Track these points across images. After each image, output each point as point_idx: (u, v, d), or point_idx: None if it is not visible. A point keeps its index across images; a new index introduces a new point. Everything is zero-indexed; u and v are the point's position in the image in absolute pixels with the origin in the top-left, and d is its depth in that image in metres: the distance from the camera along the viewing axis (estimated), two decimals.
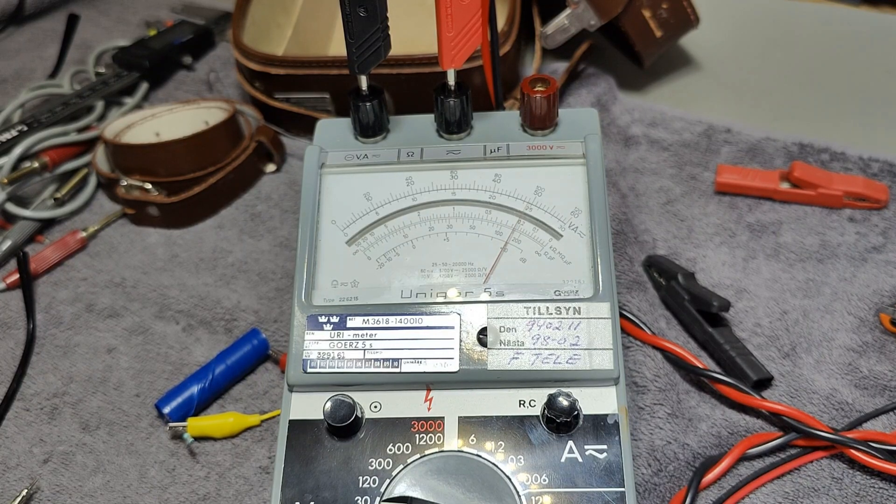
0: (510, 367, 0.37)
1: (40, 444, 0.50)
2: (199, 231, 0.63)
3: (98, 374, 0.53)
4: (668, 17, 0.68)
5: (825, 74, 0.74)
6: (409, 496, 0.34)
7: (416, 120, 0.46)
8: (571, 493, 0.34)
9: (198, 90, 0.77)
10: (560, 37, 0.67)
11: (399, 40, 0.44)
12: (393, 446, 0.36)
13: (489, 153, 0.43)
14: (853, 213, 0.59)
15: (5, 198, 0.62)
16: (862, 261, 0.55)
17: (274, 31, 0.74)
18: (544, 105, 0.43)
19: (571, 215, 0.41)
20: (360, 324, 0.38)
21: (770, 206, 0.61)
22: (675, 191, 0.63)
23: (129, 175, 0.63)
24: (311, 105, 0.68)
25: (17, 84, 0.79)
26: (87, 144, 0.68)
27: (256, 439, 0.49)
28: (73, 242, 0.62)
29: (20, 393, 0.53)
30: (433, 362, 0.37)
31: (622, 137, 0.67)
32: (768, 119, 0.69)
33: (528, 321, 0.38)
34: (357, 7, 0.38)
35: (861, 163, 0.63)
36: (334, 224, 0.42)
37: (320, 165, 0.43)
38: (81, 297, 0.59)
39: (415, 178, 0.43)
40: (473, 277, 0.40)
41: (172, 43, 0.79)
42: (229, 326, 0.55)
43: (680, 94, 0.73)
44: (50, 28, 0.87)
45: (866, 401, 0.48)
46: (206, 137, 0.63)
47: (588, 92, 0.70)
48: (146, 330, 0.56)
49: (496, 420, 0.36)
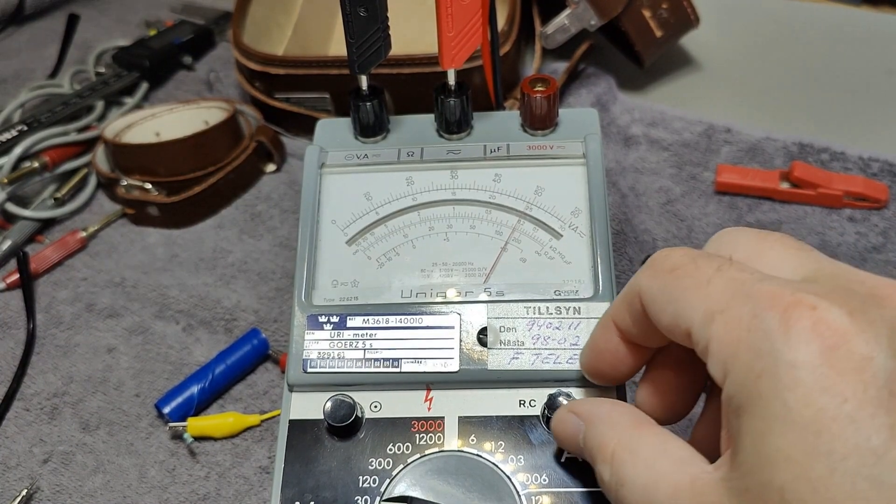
0: (510, 366, 0.37)
1: (40, 444, 0.50)
2: (199, 231, 0.63)
3: (98, 374, 0.53)
4: (668, 17, 0.68)
5: (825, 74, 0.74)
6: (409, 496, 0.34)
7: (416, 120, 0.46)
8: (572, 493, 0.34)
9: (198, 90, 0.77)
10: (560, 37, 0.67)
11: (399, 40, 0.44)
12: (393, 446, 0.36)
13: (489, 153, 0.43)
14: (853, 212, 0.59)
15: (5, 198, 0.62)
16: (862, 261, 0.55)
17: (274, 31, 0.74)
18: (544, 105, 0.43)
19: (571, 215, 0.41)
20: (360, 323, 0.38)
21: (770, 206, 0.61)
22: (675, 191, 0.63)
23: (129, 175, 0.63)
24: (311, 105, 0.68)
25: (17, 84, 0.79)
26: (87, 144, 0.68)
27: (256, 439, 0.49)
28: (73, 242, 0.62)
29: (20, 393, 0.53)
30: (433, 362, 0.37)
31: (622, 137, 0.67)
32: (768, 119, 0.69)
33: (529, 321, 0.38)
34: (357, 7, 0.38)
35: (861, 163, 0.63)
36: (334, 224, 0.42)
37: (320, 165, 0.43)
38: (81, 296, 0.59)
39: (415, 177, 0.43)
40: (473, 277, 0.40)
41: (172, 43, 0.79)
42: (229, 326, 0.55)
43: (680, 94, 0.73)
44: (50, 28, 0.87)
45: None
46: (206, 137, 0.63)
47: (588, 92, 0.70)
48: (146, 330, 0.56)
49: (496, 420, 0.36)
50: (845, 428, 0.22)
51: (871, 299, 0.25)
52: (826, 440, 0.22)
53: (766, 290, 0.25)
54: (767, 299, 0.25)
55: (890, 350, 0.23)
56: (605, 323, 0.33)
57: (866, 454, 0.22)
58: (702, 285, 0.27)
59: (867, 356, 0.23)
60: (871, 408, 0.22)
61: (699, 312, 0.26)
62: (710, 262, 0.27)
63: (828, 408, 0.22)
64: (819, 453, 0.22)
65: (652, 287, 0.29)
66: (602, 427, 0.31)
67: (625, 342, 0.32)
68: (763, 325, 0.24)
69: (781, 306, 0.24)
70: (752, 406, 0.24)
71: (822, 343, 0.23)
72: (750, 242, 0.29)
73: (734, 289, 0.26)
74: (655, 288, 0.29)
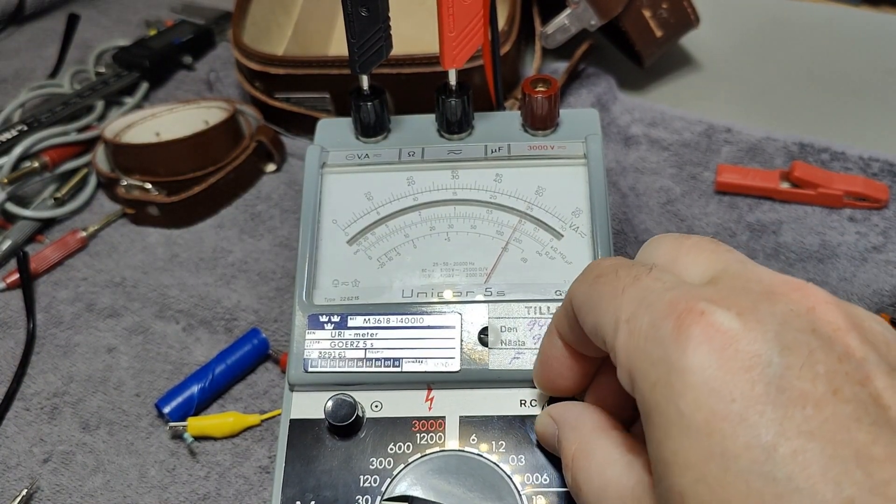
0: (511, 366, 0.37)
1: (40, 444, 0.50)
2: (199, 231, 0.63)
3: (98, 373, 0.53)
4: (668, 16, 0.68)
5: (825, 74, 0.74)
6: (410, 495, 0.34)
7: (417, 120, 0.46)
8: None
9: (198, 90, 0.77)
10: (560, 37, 0.67)
11: (400, 40, 0.44)
12: (394, 446, 0.36)
13: (490, 153, 0.43)
14: (853, 212, 0.59)
15: (5, 198, 0.62)
16: (862, 261, 0.55)
17: (274, 30, 0.74)
18: (545, 105, 0.43)
19: (572, 215, 0.41)
20: (361, 323, 0.38)
21: (770, 206, 0.61)
22: (675, 190, 0.63)
23: (129, 175, 0.63)
24: (312, 105, 0.68)
25: (17, 84, 0.79)
26: (87, 144, 0.68)
27: (256, 439, 0.49)
28: (73, 242, 0.62)
29: (20, 392, 0.53)
30: (434, 362, 0.37)
31: (622, 137, 0.67)
32: (768, 119, 0.69)
33: (530, 321, 0.38)
34: (359, 7, 0.38)
35: (861, 162, 0.63)
36: (335, 224, 0.42)
37: (321, 165, 0.43)
38: (81, 296, 0.59)
39: (416, 177, 0.43)
40: (474, 277, 0.40)
41: (172, 43, 0.79)
42: (229, 326, 0.55)
43: (680, 94, 0.73)
44: (50, 28, 0.87)
45: None
46: (206, 137, 0.63)
47: (588, 92, 0.70)
48: (146, 329, 0.56)
49: (497, 420, 0.36)
50: (735, 427, 0.22)
51: (764, 296, 0.25)
52: (718, 441, 0.22)
53: (667, 298, 0.25)
54: (665, 307, 0.25)
55: (778, 345, 0.23)
56: (550, 330, 0.33)
57: (757, 451, 0.22)
58: (617, 294, 0.27)
59: (755, 354, 0.23)
60: (760, 405, 0.22)
61: (610, 320, 0.27)
62: (629, 271, 0.28)
63: (717, 409, 0.23)
64: (713, 455, 0.22)
65: (578, 293, 0.30)
66: (567, 430, 0.31)
67: (567, 350, 0.32)
68: (658, 333, 0.25)
69: (675, 314, 0.25)
70: (652, 414, 0.24)
71: (710, 346, 0.23)
72: (669, 248, 0.30)
73: (641, 298, 0.26)
74: (581, 294, 0.29)
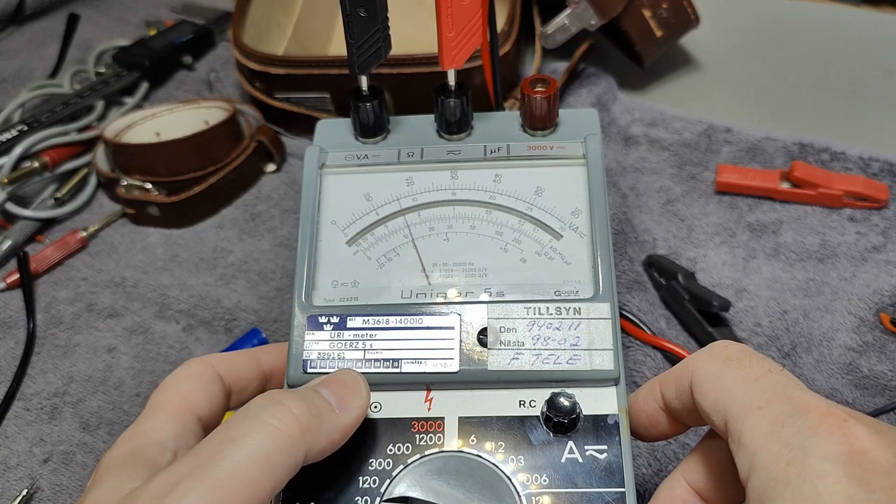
0: (510, 367, 0.37)
1: (40, 444, 0.50)
2: (199, 231, 0.63)
3: (98, 373, 0.53)
4: (668, 16, 0.68)
5: (825, 74, 0.74)
6: (409, 496, 0.34)
7: (416, 120, 0.46)
8: (572, 494, 0.34)
9: (198, 90, 0.77)
10: (560, 36, 0.67)
11: (399, 40, 0.44)
12: (393, 446, 0.36)
13: (489, 153, 0.43)
14: (853, 212, 0.59)
15: (5, 198, 0.62)
16: (862, 260, 0.55)
17: (274, 30, 0.74)
18: (545, 105, 0.43)
19: (572, 216, 0.41)
20: (361, 324, 0.38)
21: (770, 206, 0.61)
22: (675, 190, 0.63)
23: (129, 175, 0.63)
24: (311, 105, 0.68)
25: (17, 84, 0.79)
26: (87, 144, 0.68)
27: None
28: (74, 242, 0.62)
29: (20, 392, 0.53)
30: (433, 362, 0.37)
31: (622, 137, 0.67)
32: (768, 119, 0.69)
33: (529, 321, 0.38)
34: (357, 7, 0.38)
35: (861, 162, 0.63)
36: (334, 224, 0.42)
37: (320, 165, 0.43)
38: (81, 296, 0.59)
39: (415, 178, 0.43)
40: (473, 278, 0.40)
41: (172, 43, 0.79)
42: (229, 326, 0.55)
43: (680, 94, 0.73)
44: (50, 28, 0.87)
45: (866, 400, 0.48)
46: (206, 137, 0.63)
47: (588, 92, 0.70)
48: (146, 329, 0.56)
49: (496, 420, 0.36)
50: None
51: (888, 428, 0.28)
52: None
53: (806, 398, 0.28)
54: (805, 404, 0.28)
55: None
56: (651, 386, 0.36)
57: None
58: (749, 381, 0.30)
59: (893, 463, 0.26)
60: None
61: (739, 406, 0.29)
62: (763, 363, 0.31)
63: (858, 496, 0.25)
64: None
65: (704, 369, 0.32)
66: None
67: (662, 410, 0.35)
68: (797, 422, 0.27)
69: (818, 413, 0.28)
70: (781, 490, 0.26)
71: (850, 447, 0.26)
72: None
73: (777, 391, 0.29)
74: (707, 371, 0.32)
